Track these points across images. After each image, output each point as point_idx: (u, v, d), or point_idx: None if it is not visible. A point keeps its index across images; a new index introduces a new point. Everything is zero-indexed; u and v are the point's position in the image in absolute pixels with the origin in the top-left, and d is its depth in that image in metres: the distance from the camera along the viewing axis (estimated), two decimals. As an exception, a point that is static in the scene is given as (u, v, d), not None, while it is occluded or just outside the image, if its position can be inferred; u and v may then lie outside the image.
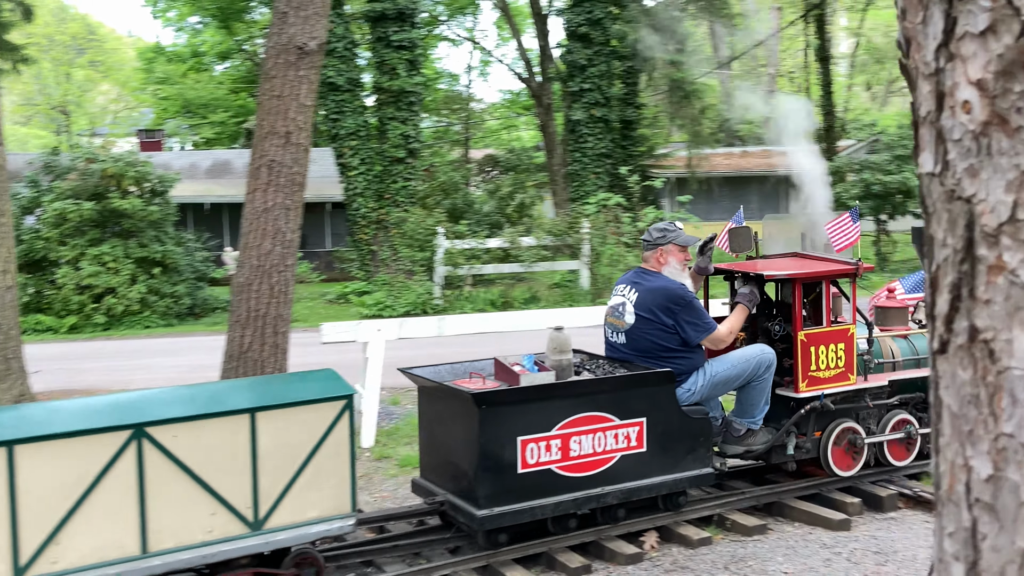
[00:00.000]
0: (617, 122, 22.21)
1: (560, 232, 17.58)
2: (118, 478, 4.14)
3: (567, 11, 21.30)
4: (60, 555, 4.00)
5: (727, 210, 35.27)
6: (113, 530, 4.14)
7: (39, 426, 4.05)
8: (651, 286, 5.60)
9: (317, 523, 4.66)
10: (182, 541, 4.30)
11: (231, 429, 4.43)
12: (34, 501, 3.94)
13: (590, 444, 5.19)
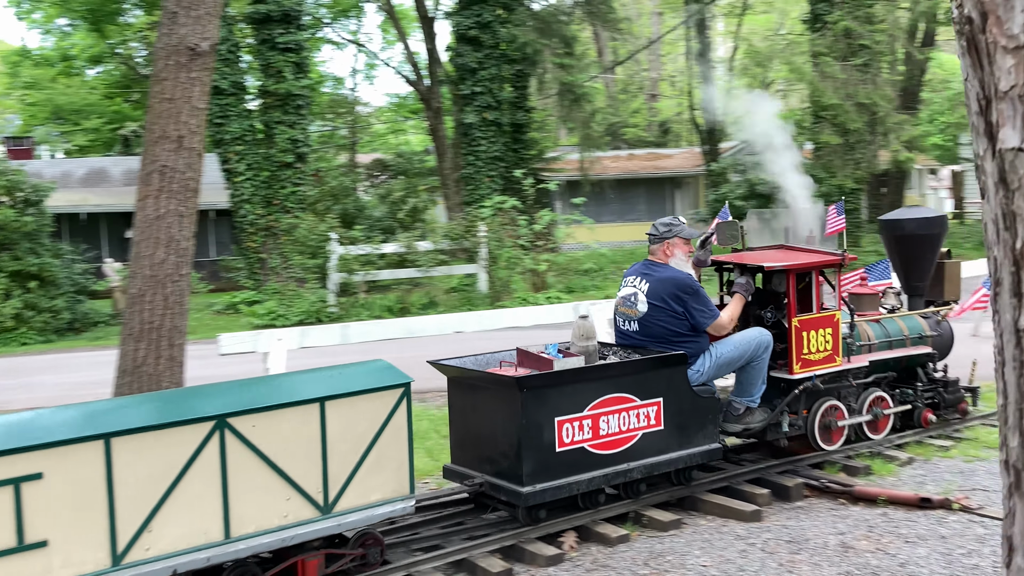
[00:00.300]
0: (508, 125, 22.27)
1: (457, 236, 17.52)
2: (203, 467, 4.31)
3: (456, 14, 21.24)
4: (153, 542, 4.18)
5: (616, 212, 35.89)
6: (199, 517, 4.32)
7: (132, 418, 4.19)
8: (661, 276, 6.01)
9: (381, 505, 4.90)
10: (261, 526, 4.50)
11: (303, 418, 4.63)
12: (129, 491, 4.10)
13: (616, 423, 5.57)
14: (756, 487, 6.19)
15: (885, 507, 5.81)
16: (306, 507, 4.64)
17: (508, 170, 22.20)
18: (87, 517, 4.03)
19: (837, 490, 6.14)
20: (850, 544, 5.23)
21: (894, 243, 7.81)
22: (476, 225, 17.75)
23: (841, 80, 18.77)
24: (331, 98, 42.48)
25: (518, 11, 22.42)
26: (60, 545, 3.97)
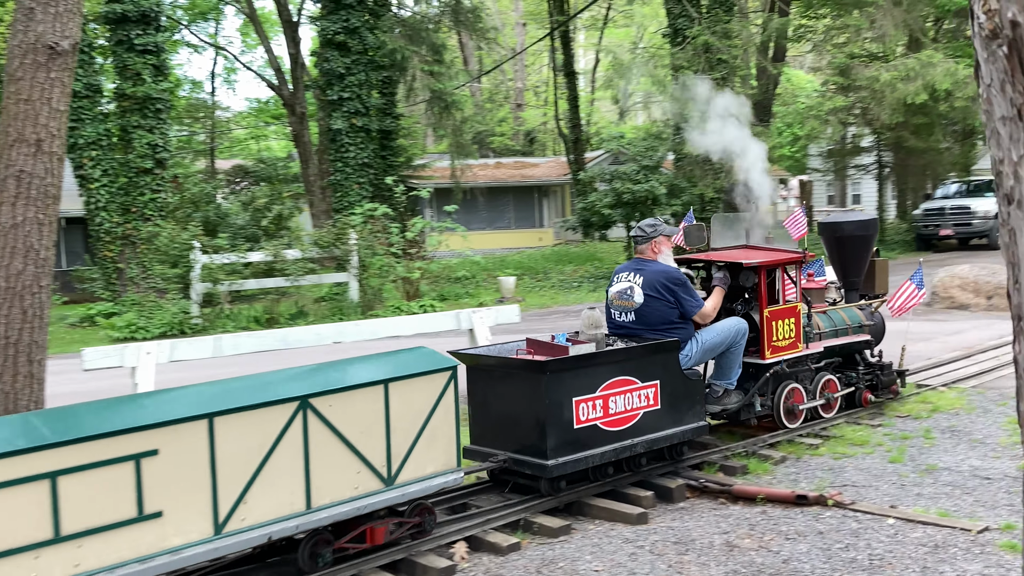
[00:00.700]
0: (377, 132, 22.04)
1: (327, 244, 17.17)
2: (289, 443, 4.72)
3: (323, 19, 20.86)
4: (247, 513, 4.55)
5: (486, 220, 36.04)
6: (286, 489, 4.71)
7: (230, 399, 4.54)
8: (654, 269, 6.75)
9: (435, 477, 5.38)
10: (336, 497, 4.91)
11: (370, 398, 5.08)
12: (228, 466, 4.47)
13: (623, 403, 6.21)
14: (640, 489, 6.29)
15: (764, 505, 6.00)
16: (373, 479, 5.11)
17: (377, 177, 21.96)
18: (194, 490, 4.39)
19: (717, 490, 6.31)
20: (734, 543, 5.38)
21: (834, 243, 8.59)
22: (347, 233, 17.46)
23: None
24: (189, 102, 41.09)
25: (386, 17, 22.24)
26: (172, 515, 4.32)
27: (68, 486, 4.00)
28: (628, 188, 19.33)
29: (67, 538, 3.99)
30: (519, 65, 51.80)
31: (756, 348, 7.20)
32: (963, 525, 5.35)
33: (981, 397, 8.71)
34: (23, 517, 3.88)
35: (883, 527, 5.45)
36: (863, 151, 34.42)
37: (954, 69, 19.61)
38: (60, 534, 3.96)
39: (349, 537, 5.10)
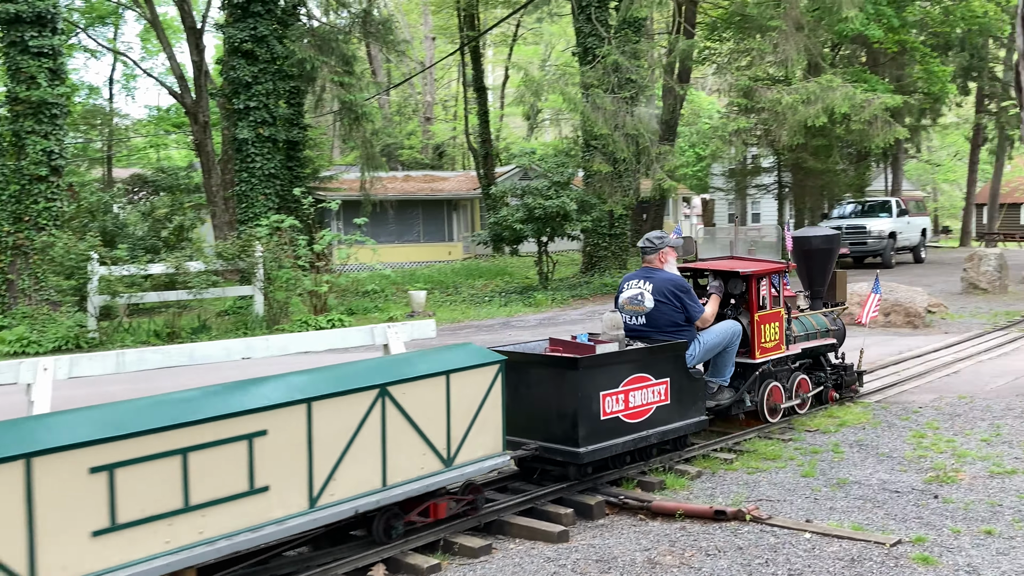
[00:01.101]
0: (284, 142, 21.62)
1: (231, 256, 16.70)
2: (370, 426, 5.22)
3: (229, 26, 20.37)
4: (336, 489, 5.03)
5: (395, 233, 35.74)
6: (368, 468, 5.21)
7: (324, 386, 5.03)
8: (663, 277, 7.42)
9: (486, 459, 5.93)
10: (406, 476, 5.40)
11: (435, 387, 5.60)
12: (322, 446, 4.96)
13: (640, 397, 6.79)
14: (560, 507, 6.25)
15: (683, 521, 6.02)
16: (436, 461, 5.63)
17: (284, 188, 21.53)
18: (294, 467, 4.86)
19: (636, 506, 6.31)
20: (656, 560, 5.37)
21: (802, 255, 9.41)
22: (252, 245, 17.02)
23: (611, 111, 19.64)
24: (86, 108, 39.70)
25: (294, 26, 21.86)
26: (277, 490, 4.76)
27: (196, 461, 4.44)
28: (540, 203, 19.39)
29: (194, 508, 4.45)
30: (428, 79, 51.71)
31: (746, 349, 7.97)
32: (877, 539, 5.45)
33: (885, 412, 8.96)
34: (160, 488, 4.33)
35: (800, 542, 5.51)
36: (764, 171, 35.41)
37: (852, 93, 20.30)
38: (189, 504, 4.42)
39: (416, 512, 5.66)
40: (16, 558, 3.82)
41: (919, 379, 10.69)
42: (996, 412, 8.81)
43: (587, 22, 22.93)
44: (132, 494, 4.22)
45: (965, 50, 34.85)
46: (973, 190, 44.58)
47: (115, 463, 4.17)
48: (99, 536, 4.12)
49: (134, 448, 4.23)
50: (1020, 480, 6.59)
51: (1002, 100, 39.24)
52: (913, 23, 28.77)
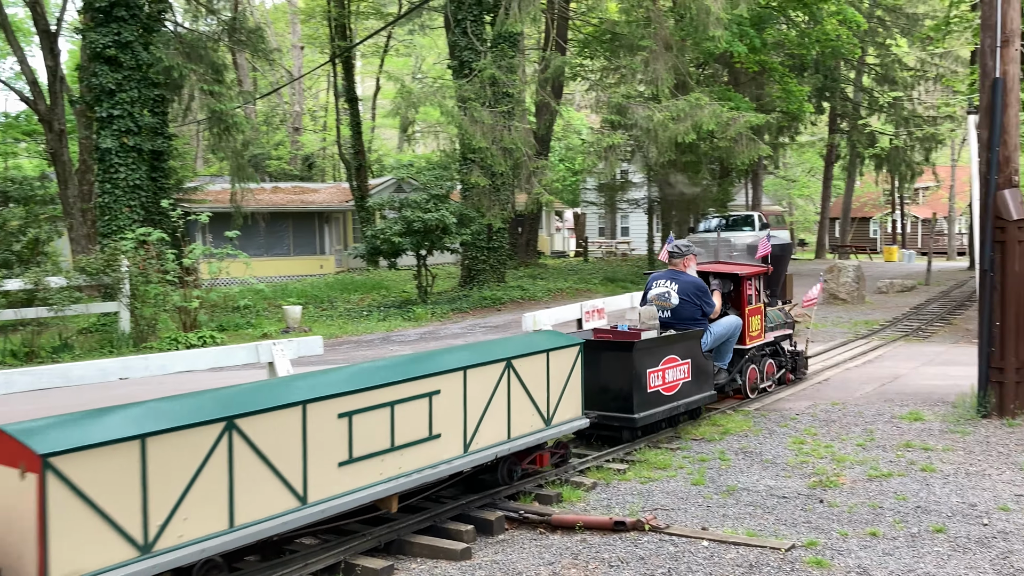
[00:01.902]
0: (149, 152, 20.77)
1: (95, 271, 15.90)
2: (501, 390, 6.57)
3: (91, 30, 19.42)
4: (480, 439, 6.39)
5: (264, 246, 34.85)
6: (499, 423, 6.58)
7: (472, 358, 6.39)
8: (687, 280, 9.06)
9: (573, 421, 7.31)
10: (523, 431, 6.80)
11: (539, 362, 6.97)
12: (472, 405, 6.32)
13: (672, 375, 8.49)
14: (460, 524, 6.18)
15: (583, 533, 6.05)
16: (540, 421, 6.99)
17: (149, 200, 20.68)
18: (455, 420, 6.24)
19: (536, 520, 6.30)
20: (560, 573, 5.37)
21: (762, 260, 10.68)
22: (117, 259, 16.25)
23: (489, 125, 19.73)
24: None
25: (160, 33, 21.06)
26: (445, 437, 6.13)
27: (399, 413, 5.79)
28: (419, 216, 19.26)
29: (397, 448, 5.78)
30: (297, 89, 50.77)
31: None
32: (772, 544, 5.61)
33: (765, 419, 9.27)
34: (377, 432, 5.64)
35: (699, 549, 5.62)
36: (634, 186, 36.29)
37: (719, 111, 21.04)
38: (394, 445, 5.76)
39: (526, 461, 7.06)
40: (296, 479, 5.11)
41: (792, 387, 11.12)
42: (868, 418, 9.25)
43: (463, 35, 22.99)
44: (361, 436, 5.54)
45: (819, 71, 36.70)
46: (827, 205, 46.88)
47: (352, 411, 5.50)
48: (342, 466, 5.43)
49: (363, 400, 5.55)
50: (897, 483, 6.92)
51: (854, 119, 41.48)
52: (772, 45, 30.11)
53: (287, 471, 5.05)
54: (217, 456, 4.65)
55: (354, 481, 5.46)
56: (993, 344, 8.81)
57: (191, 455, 4.54)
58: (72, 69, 36.79)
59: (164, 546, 4.39)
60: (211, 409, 4.70)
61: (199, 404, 4.75)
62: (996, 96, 8.64)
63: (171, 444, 4.44)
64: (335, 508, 5.31)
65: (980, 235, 9.03)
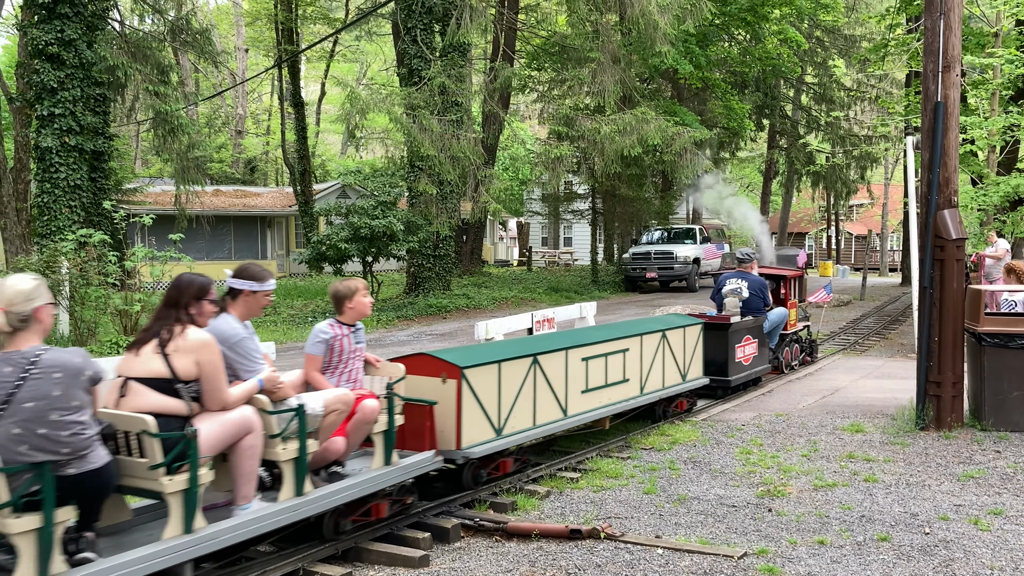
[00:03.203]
0: (90, 152, 20.38)
1: (35, 272, 15.52)
2: (659, 352, 9.38)
3: (33, 27, 19.01)
4: (648, 385, 9.20)
5: (204, 250, 34.35)
6: (657, 376, 9.39)
7: (641, 328, 9.30)
8: (753, 278, 11.92)
9: (698, 380, 10.19)
10: (670, 383, 9.64)
11: (679, 335, 9.77)
12: (644, 360, 9.16)
13: (748, 350, 11.53)
14: (416, 531, 6.20)
15: (539, 541, 6.12)
16: (680, 376, 9.81)
17: (89, 200, 20.28)
18: (636, 370, 8.98)
19: (492, 528, 6.35)
20: (519, 581, 5.43)
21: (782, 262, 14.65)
22: (57, 260, 15.89)
23: (437, 133, 19.77)
24: None
25: (105, 31, 20.69)
26: (631, 382, 8.93)
27: (610, 361, 8.57)
28: (366, 223, 19.20)
29: (607, 385, 8.53)
30: (240, 91, 50.19)
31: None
32: (725, 552, 5.75)
33: (712, 429, 9.46)
34: (599, 372, 8.39)
35: (654, 557, 5.73)
36: (579, 197, 36.60)
37: (665, 126, 21.39)
38: (607, 383, 8.52)
39: (671, 405, 9.88)
40: (562, 398, 7.87)
41: (737, 398, 11.35)
42: (811, 429, 9.49)
43: (412, 44, 23.00)
44: (592, 374, 8.32)
45: (760, 89, 37.47)
46: (765, 219, 47.79)
47: (588, 356, 8.27)
48: (583, 393, 8.19)
49: (593, 351, 8.34)
50: (841, 492, 7.13)
51: (792, 137, 42.39)
52: (715, 61, 30.68)
53: (558, 392, 7.87)
54: (528, 378, 7.45)
55: (589, 404, 8.31)
56: (931, 359, 9.12)
57: (518, 375, 7.33)
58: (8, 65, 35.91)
59: (505, 432, 7.15)
60: (526, 348, 7.62)
61: (518, 346, 7.79)
62: (937, 119, 8.96)
63: (511, 367, 7.25)
64: (579, 421, 8.19)
65: (920, 253, 9.34)
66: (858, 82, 42.71)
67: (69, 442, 4.19)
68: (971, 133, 18.32)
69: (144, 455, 4.61)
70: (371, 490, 5.90)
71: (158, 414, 4.67)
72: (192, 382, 4.86)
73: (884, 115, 34.58)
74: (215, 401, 4.94)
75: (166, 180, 34.39)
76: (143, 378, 4.80)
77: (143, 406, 4.72)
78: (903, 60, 25.17)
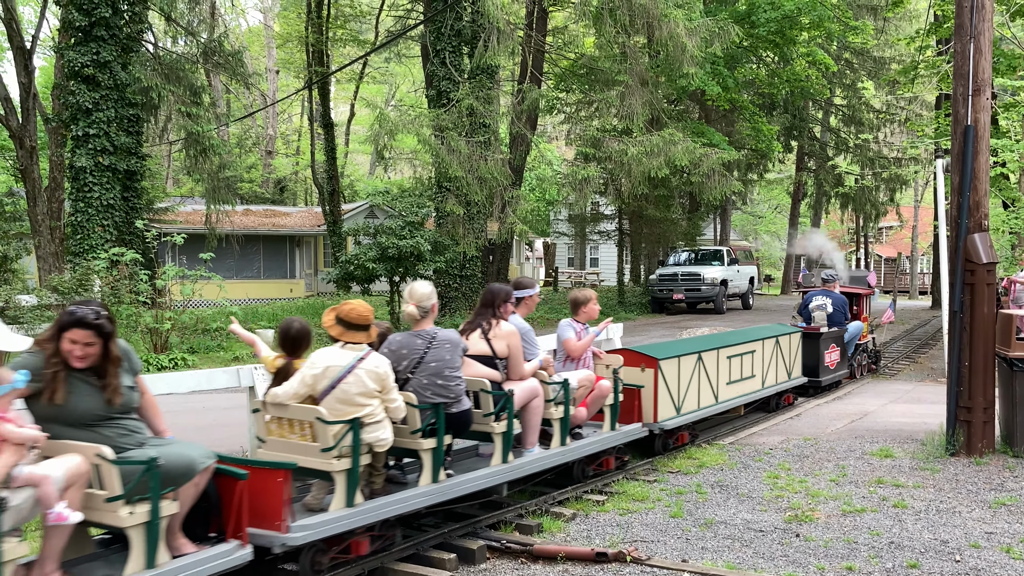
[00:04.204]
0: (123, 172, 20.68)
1: (67, 290, 15.77)
2: (773, 354, 11.62)
3: (70, 49, 19.38)
4: (767, 381, 11.48)
5: (234, 269, 34.68)
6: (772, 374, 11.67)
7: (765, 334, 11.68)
8: (836, 296, 13.97)
9: (798, 378, 12.45)
10: (779, 381, 11.80)
11: (785, 340, 11.97)
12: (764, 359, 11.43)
13: (832, 357, 13.68)
14: (443, 552, 6.21)
15: (564, 563, 6.10)
16: (787, 376, 12.00)
17: (121, 219, 20.57)
18: (759, 368, 11.19)
19: (518, 550, 6.35)
20: (545, 603, 5.42)
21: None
22: (90, 278, 16.14)
23: (465, 154, 19.89)
24: None
25: (140, 53, 21.06)
26: (756, 378, 11.16)
27: (744, 360, 10.75)
28: (393, 243, 19.33)
29: (740, 380, 10.69)
30: (271, 112, 50.76)
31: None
32: (752, 576, 5.71)
33: (739, 453, 9.40)
34: (736, 369, 10.59)
35: (680, 581, 5.70)
36: (605, 218, 36.60)
37: (692, 147, 21.38)
38: (742, 376, 10.70)
39: (779, 400, 11.89)
40: (715, 387, 10.06)
41: (765, 421, 11.28)
42: (839, 453, 9.41)
43: (441, 66, 23.18)
44: (733, 369, 10.50)
45: (788, 111, 37.38)
46: (793, 241, 47.51)
47: (732, 355, 10.48)
48: (727, 384, 10.30)
49: (734, 351, 10.52)
50: (870, 518, 7.07)
51: (821, 159, 42.21)
52: (743, 83, 30.65)
53: (713, 382, 10.09)
54: (696, 369, 9.72)
55: (731, 393, 10.53)
56: (961, 384, 9.03)
57: (689, 367, 9.58)
58: (44, 86, 36.54)
59: (683, 411, 9.41)
60: (693, 347, 9.98)
61: (688, 344, 10.31)
62: (968, 143, 8.91)
63: (687, 360, 9.51)
64: (725, 406, 10.45)
65: (950, 277, 9.27)
66: (887, 104, 42.50)
67: (454, 391, 6.38)
68: (1002, 156, 18.18)
69: (479, 407, 6.85)
70: (605, 447, 8.13)
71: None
72: (503, 359, 7.08)
73: (914, 137, 34.39)
74: (517, 373, 7.14)
75: (197, 199, 34.82)
76: (473, 355, 6.99)
77: (474, 374, 6.89)
78: (933, 82, 25.03)
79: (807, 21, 26.52)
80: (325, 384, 5.70)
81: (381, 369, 5.81)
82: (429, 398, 6.21)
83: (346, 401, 5.69)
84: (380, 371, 5.79)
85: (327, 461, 5.52)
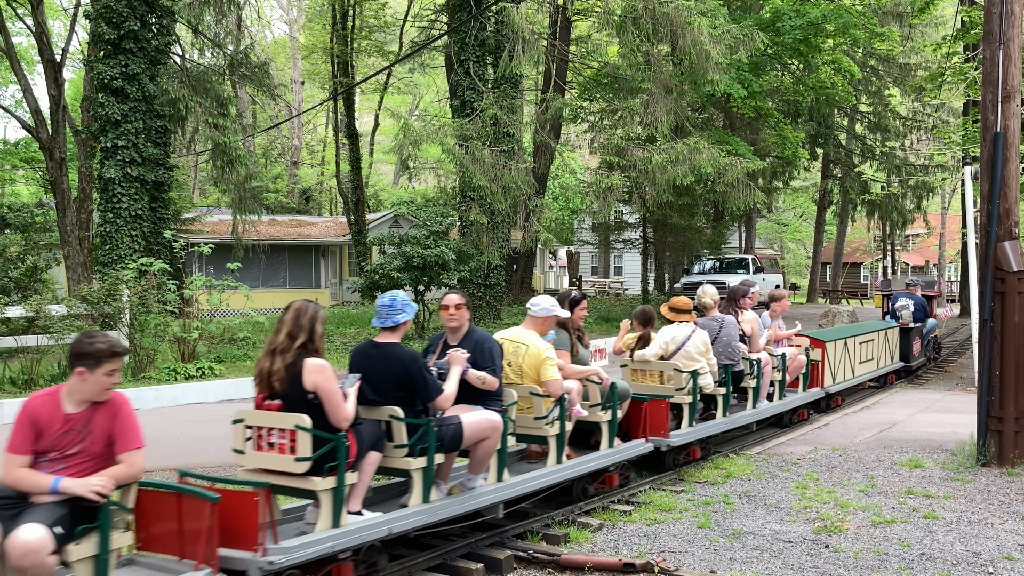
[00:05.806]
0: (151, 183, 20.90)
1: (96, 300, 15.91)
2: (882, 344, 15.24)
3: (99, 62, 19.64)
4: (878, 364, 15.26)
5: (259, 278, 34.92)
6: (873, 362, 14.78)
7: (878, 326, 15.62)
8: (917, 297, 16.89)
9: (898, 363, 16.23)
10: (886, 364, 15.49)
11: (889, 332, 15.73)
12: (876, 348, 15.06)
13: (917, 347, 17.16)
14: (470, 562, 6.21)
15: (592, 574, 6.09)
16: (890, 360, 15.66)
17: (149, 230, 20.78)
18: (874, 353, 14.74)
19: (545, 560, 6.34)
20: (572, 614, 5.41)
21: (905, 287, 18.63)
22: (119, 288, 16.27)
23: (489, 163, 19.94)
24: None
25: (167, 65, 21.29)
26: (873, 360, 14.71)
27: (866, 345, 14.28)
28: (418, 252, 19.39)
29: (866, 361, 14.28)
30: (296, 123, 51.12)
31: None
32: (781, 588, 5.66)
33: (767, 463, 9.34)
34: (865, 352, 14.26)
35: (709, 592, 5.67)
36: (629, 227, 36.53)
37: (717, 155, 21.31)
38: (865, 359, 14.18)
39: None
40: (853, 366, 13.79)
41: (793, 431, 11.20)
42: (868, 464, 9.33)
43: (465, 76, 23.27)
44: (862, 352, 13.94)
45: (813, 118, 37.17)
46: (819, 249, 47.26)
47: (862, 341, 13.95)
48: (860, 363, 13.87)
49: (862, 338, 13.99)
50: (900, 529, 7.00)
51: (847, 166, 41.93)
52: (768, 91, 30.52)
53: (853, 361, 13.07)
54: (843, 350, 13.01)
55: (861, 372, 13.79)
56: (992, 393, 8.93)
57: (840, 348, 12.81)
58: (73, 98, 37.01)
59: (838, 380, 12.99)
60: (841, 334, 13.14)
61: (838, 332, 13.62)
62: (997, 150, 8.83)
63: (838, 344, 12.78)
64: (858, 380, 13.80)
65: (980, 286, 9.18)
66: (914, 111, 42.17)
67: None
68: (1032, 162, 17.96)
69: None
70: (803, 403, 11.92)
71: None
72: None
73: (940, 144, 34.09)
74: (756, 347, 10.50)
75: (223, 209, 35.09)
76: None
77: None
78: (960, 89, 24.82)
79: (832, 28, 26.38)
80: (674, 348, 9.08)
81: (704, 338, 9.21)
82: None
83: (689, 357, 9.05)
84: (704, 340, 9.22)
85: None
